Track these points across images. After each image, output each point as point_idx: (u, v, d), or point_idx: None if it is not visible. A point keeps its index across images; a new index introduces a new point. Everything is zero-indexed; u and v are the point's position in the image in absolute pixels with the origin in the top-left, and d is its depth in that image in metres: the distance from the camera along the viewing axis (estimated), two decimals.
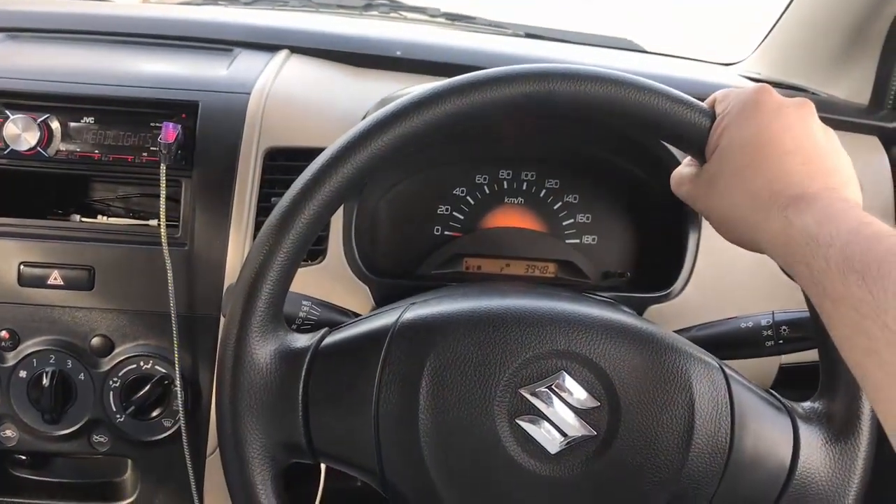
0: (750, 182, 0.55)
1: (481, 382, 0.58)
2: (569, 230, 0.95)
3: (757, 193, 0.55)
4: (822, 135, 0.57)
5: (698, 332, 0.76)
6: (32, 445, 0.88)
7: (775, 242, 0.54)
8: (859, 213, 0.50)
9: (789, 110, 0.57)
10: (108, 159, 0.85)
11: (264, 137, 0.84)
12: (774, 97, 0.57)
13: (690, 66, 1.20)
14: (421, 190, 0.94)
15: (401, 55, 0.98)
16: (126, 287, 0.84)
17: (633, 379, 0.59)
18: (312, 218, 0.58)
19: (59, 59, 0.93)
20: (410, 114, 0.57)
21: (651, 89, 0.58)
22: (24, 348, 0.85)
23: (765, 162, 0.55)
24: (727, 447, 0.59)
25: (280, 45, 0.98)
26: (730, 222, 0.59)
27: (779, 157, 0.55)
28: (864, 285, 0.45)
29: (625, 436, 0.58)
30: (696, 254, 0.87)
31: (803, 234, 0.50)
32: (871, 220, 0.49)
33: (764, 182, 0.55)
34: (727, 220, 0.59)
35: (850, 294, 0.45)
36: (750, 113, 0.57)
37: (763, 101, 0.57)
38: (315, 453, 0.61)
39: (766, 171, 0.55)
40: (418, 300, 0.66)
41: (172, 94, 0.87)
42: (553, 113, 0.60)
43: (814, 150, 0.56)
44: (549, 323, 0.60)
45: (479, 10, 1.28)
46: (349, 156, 0.57)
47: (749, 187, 0.55)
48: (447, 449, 0.58)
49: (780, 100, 0.57)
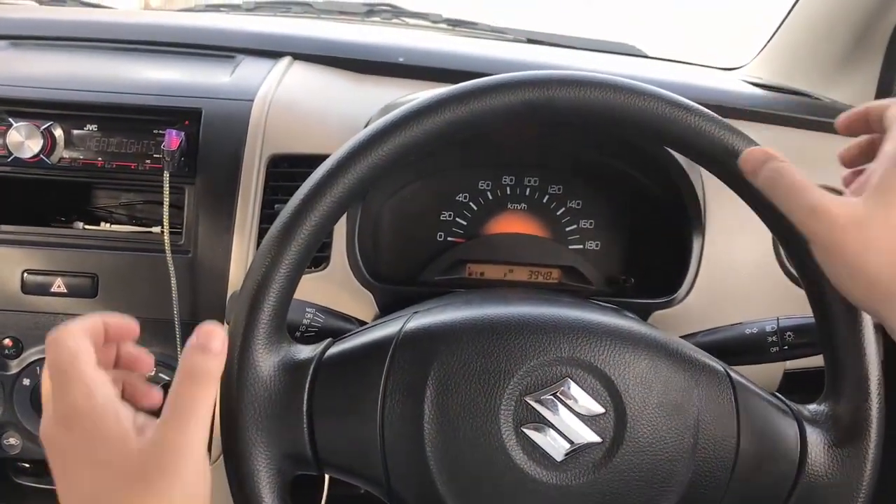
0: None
1: (486, 391, 0.58)
2: (572, 236, 0.94)
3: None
4: None
5: (703, 338, 0.76)
6: (36, 453, 0.88)
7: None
8: None
9: None
10: (112, 167, 0.85)
11: (267, 144, 0.84)
12: None
13: (692, 71, 1.20)
14: (424, 196, 0.94)
15: (403, 61, 0.98)
16: (129, 294, 0.84)
17: (638, 385, 0.58)
18: (315, 228, 0.58)
19: (61, 67, 0.93)
20: (411, 123, 0.57)
21: (671, 102, 0.58)
22: (28, 356, 0.85)
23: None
24: (734, 452, 0.59)
25: (283, 51, 0.98)
26: (866, 278, 0.49)
27: None
28: None
29: (631, 442, 0.58)
30: (699, 259, 0.87)
31: None
32: None
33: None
34: (863, 274, 0.49)
35: None
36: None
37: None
38: (320, 465, 0.60)
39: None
40: (421, 309, 0.66)
41: (175, 101, 0.87)
42: (554, 120, 0.60)
43: None
44: (553, 330, 0.60)
45: (481, 16, 1.28)
46: (350, 166, 0.57)
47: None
48: (453, 458, 0.58)
49: None
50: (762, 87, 1.07)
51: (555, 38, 1.21)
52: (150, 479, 0.46)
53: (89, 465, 0.46)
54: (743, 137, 0.58)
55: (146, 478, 0.46)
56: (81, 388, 0.47)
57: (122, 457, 0.46)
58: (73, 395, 0.47)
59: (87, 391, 0.47)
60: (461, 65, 0.98)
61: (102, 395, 0.47)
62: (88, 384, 0.47)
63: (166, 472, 0.46)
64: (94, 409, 0.47)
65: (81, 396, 0.47)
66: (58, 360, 0.48)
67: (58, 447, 0.48)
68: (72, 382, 0.47)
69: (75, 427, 0.47)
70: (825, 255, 0.50)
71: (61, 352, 0.48)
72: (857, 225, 0.48)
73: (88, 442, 0.46)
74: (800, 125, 0.95)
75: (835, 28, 1.01)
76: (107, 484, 0.46)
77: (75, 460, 0.47)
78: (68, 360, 0.47)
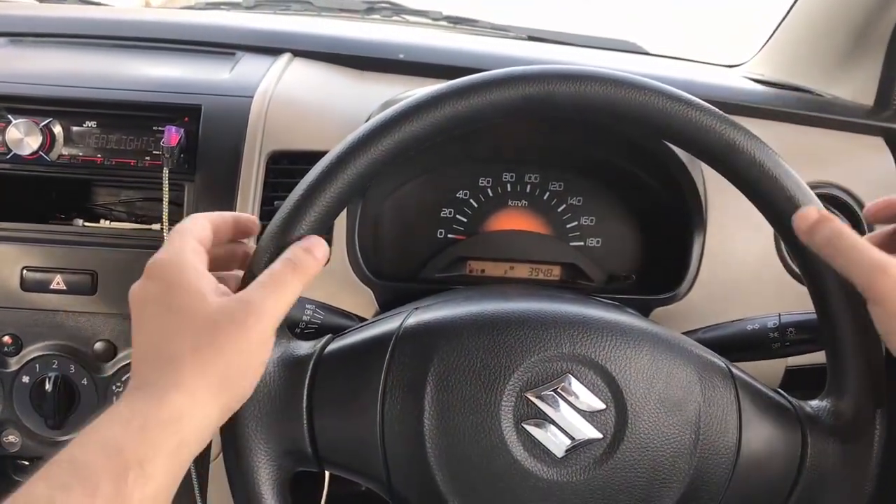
0: None
1: (486, 387, 0.58)
2: (573, 233, 0.94)
3: None
4: None
5: (704, 334, 0.76)
6: (35, 451, 0.88)
7: None
8: None
9: None
10: (111, 163, 0.85)
11: (267, 141, 0.84)
12: None
13: (694, 67, 1.19)
14: (424, 193, 0.94)
15: (403, 58, 0.98)
16: (128, 291, 0.84)
17: (639, 381, 0.58)
18: (314, 224, 0.57)
19: (61, 64, 0.93)
20: (411, 117, 0.57)
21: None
22: (27, 353, 0.85)
23: None
24: (735, 448, 0.59)
25: (282, 48, 0.98)
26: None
27: None
28: None
29: (632, 438, 0.58)
30: (701, 256, 0.86)
31: None
32: None
33: None
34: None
35: None
36: None
37: None
38: (321, 461, 0.60)
39: None
40: (421, 305, 0.66)
41: (175, 97, 0.86)
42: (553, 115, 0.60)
43: None
44: (553, 325, 0.60)
45: (482, 14, 1.28)
46: (350, 161, 0.57)
47: None
48: (453, 454, 0.58)
49: None
50: (764, 84, 1.07)
51: (556, 36, 1.21)
52: (219, 328, 0.50)
53: (164, 311, 0.51)
54: (744, 132, 0.58)
55: (216, 327, 0.50)
56: (175, 244, 0.53)
57: (196, 306, 0.51)
58: (167, 250, 0.53)
59: (178, 247, 0.53)
60: (462, 61, 0.97)
61: (190, 251, 0.53)
62: (182, 243, 0.53)
63: (237, 324, 0.51)
64: (180, 262, 0.52)
65: (172, 251, 0.52)
66: (178, 225, 0.55)
67: (140, 298, 0.52)
68: (175, 238, 0.53)
69: (158, 277, 0.52)
70: (886, 312, 0.53)
71: (185, 221, 0.55)
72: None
73: (167, 289, 0.51)
74: (802, 121, 0.95)
75: (835, 25, 1.01)
76: (175, 327, 0.50)
77: (154, 307, 0.51)
78: (182, 227, 0.54)
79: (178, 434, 0.48)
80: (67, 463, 0.44)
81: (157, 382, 0.49)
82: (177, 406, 0.48)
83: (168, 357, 0.50)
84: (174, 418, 0.48)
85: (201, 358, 0.49)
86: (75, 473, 0.43)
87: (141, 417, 0.47)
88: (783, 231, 0.59)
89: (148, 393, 0.48)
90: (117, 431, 0.46)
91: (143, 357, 0.51)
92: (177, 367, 0.49)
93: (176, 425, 0.48)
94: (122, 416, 0.47)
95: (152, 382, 0.49)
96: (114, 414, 0.47)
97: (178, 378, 0.49)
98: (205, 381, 0.49)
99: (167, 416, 0.47)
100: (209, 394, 0.50)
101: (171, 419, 0.47)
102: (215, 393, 0.50)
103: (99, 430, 0.46)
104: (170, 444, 0.47)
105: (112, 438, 0.46)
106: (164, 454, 0.47)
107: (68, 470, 0.44)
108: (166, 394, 0.48)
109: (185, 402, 0.48)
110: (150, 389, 0.48)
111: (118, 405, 0.48)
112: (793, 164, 0.58)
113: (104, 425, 0.47)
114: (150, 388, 0.49)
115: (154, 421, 0.47)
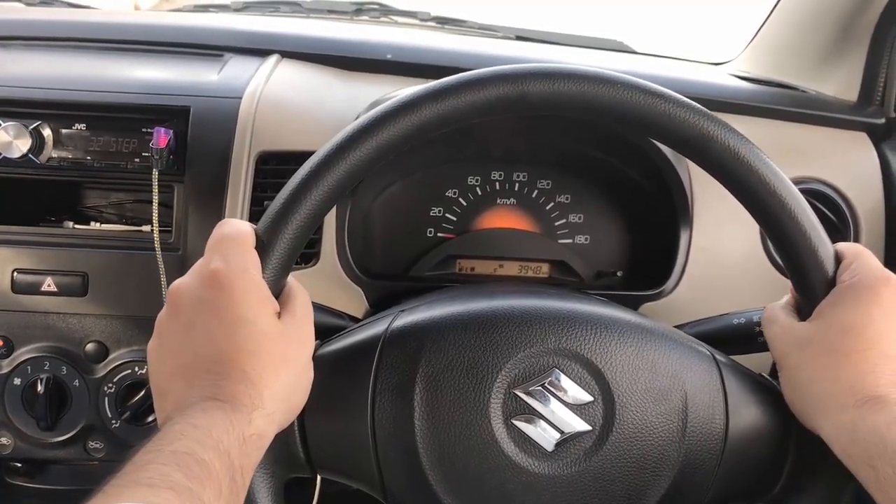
0: (838, 368, 0.55)
1: (475, 385, 0.59)
2: (561, 230, 0.95)
3: (839, 380, 0.55)
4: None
5: (691, 329, 0.76)
6: (28, 453, 0.88)
7: (839, 435, 0.54)
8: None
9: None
10: (100, 165, 0.85)
11: (256, 141, 0.85)
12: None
13: (680, 65, 1.20)
14: (413, 192, 0.94)
15: (391, 58, 0.99)
16: (120, 293, 0.84)
17: (625, 371, 0.59)
18: (303, 223, 0.57)
19: (50, 67, 0.93)
20: (388, 121, 0.57)
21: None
22: (19, 355, 0.85)
23: (861, 355, 0.55)
24: (723, 433, 0.60)
25: (270, 49, 0.98)
26: (801, 391, 0.58)
27: (876, 357, 0.55)
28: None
29: (620, 429, 0.58)
30: (687, 252, 0.87)
31: (873, 434, 0.51)
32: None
33: (852, 374, 0.55)
34: (800, 387, 0.58)
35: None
36: (869, 299, 0.56)
37: (885, 297, 0.56)
38: (314, 466, 0.61)
39: (858, 364, 0.55)
40: (408, 307, 0.66)
41: (164, 99, 0.86)
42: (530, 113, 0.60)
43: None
44: (539, 321, 0.60)
45: (470, 14, 1.28)
46: (334, 162, 0.57)
47: (835, 373, 0.55)
48: (444, 453, 0.59)
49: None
50: (749, 81, 1.07)
51: (543, 35, 1.21)
52: (290, 350, 0.54)
53: (235, 324, 0.52)
54: (716, 121, 0.58)
55: (288, 349, 0.54)
56: (238, 258, 0.53)
57: (268, 326, 0.53)
58: (227, 261, 0.53)
59: (242, 263, 0.54)
60: (450, 61, 0.98)
61: (253, 266, 0.54)
62: (245, 257, 0.54)
63: (303, 345, 0.56)
64: (245, 278, 0.53)
65: (236, 265, 0.53)
66: (226, 232, 0.55)
67: (196, 302, 0.53)
68: (234, 249, 0.54)
69: (223, 289, 0.52)
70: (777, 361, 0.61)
71: (233, 226, 0.56)
72: (791, 334, 0.60)
73: (233, 303, 0.52)
74: (787, 118, 0.96)
75: (820, 21, 1.02)
76: (251, 346, 0.52)
77: (218, 316, 0.52)
78: (236, 235, 0.55)
79: (261, 450, 0.52)
80: (188, 456, 0.45)
81: (244, 400, 0.51)
82: (259, 426, 0.51)
83: (247, 374, 0.52)
84: (258, 435, 0.51)
85: (279, 381, 0.53)
86: (204, 471, 0.45)
87: (238, 429, 0.49)
88: (759, 216, 0.60)
89: (236, 408, 0.50)
90: (223, 437, 0.47)
91: (214, 364, 0.52)
92: (260, 389, 0.52)
93: (259, 442, 0.51)
94: (223, 423, 0.48)
95: (237, 397, 0.51)
96: (214, 418, 0.48)
97: (261, 401, 0.51)
98: (283, 406, 0.54)
99: (253, 432, 0.50)
100: (281, 414, 0.54)
101: (256, 436, 0.51)
102: (284, 411, 0.55)
103: (210, 433, 0.47)
104: (257, 457, 0.51)
105: (222, 443, 0.47)
106: (252, 466, 0.51)
107: (198, 466, 0.45)
108: (252, 413, 0.51)
109: (266, 425, 0.52)
110: (237, 405, 0.50)
111: (211, 410, 0.49)
112: (777, 160, 0.59)
113: (214, 427, 0.47)
114: (236, 402, 0.50)
115: (246, 435, 0.50)
